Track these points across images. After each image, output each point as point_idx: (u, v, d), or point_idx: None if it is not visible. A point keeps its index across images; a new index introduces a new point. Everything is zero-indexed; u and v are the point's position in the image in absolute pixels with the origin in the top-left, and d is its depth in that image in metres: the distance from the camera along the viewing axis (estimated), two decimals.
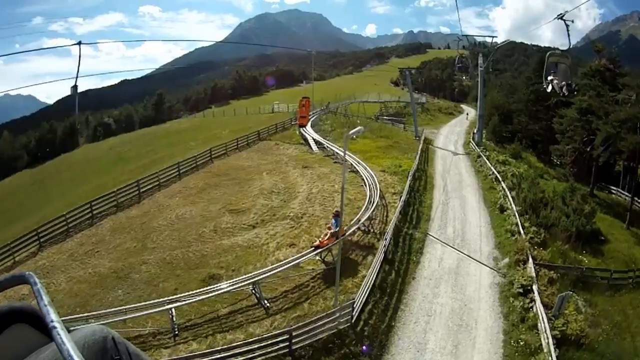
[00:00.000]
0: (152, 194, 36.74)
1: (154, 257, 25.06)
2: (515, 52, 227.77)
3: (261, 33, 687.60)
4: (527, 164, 48.85)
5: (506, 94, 69.55)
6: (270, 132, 55.41)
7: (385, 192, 33.20)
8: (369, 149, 46.71)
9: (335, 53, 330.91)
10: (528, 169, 46.01)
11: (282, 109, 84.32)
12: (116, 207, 34.23)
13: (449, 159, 47.59)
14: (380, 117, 74.17)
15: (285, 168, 40.33)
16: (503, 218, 29.44)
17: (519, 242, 24.64)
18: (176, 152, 57.26)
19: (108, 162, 74.45)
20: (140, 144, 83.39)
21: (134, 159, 69.32)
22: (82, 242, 29.21)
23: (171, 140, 75.03)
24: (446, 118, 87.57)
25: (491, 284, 21.86)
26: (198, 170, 42.09)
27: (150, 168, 48.37)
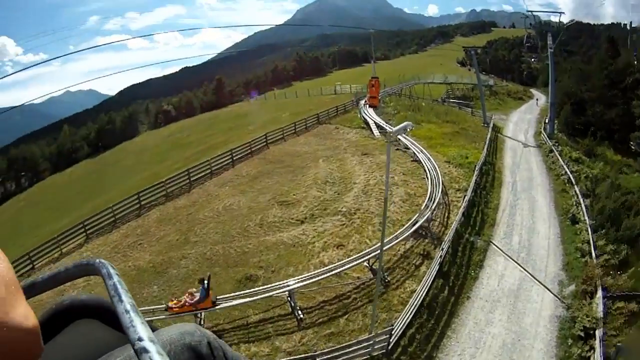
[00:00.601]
0: (203, 182, 36.58)
1: (195, 252, 24.77)
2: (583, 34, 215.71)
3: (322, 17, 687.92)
4: (603, 161, 44.40)
5: (578, 81, 64.22)
6: (330, 115, 53.75)
7: (448, 187, 30.90)
8: (434, 135, 44.19)
9: (398, 32, 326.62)
10: (604, 166, 41.79)
11: (345, 90, 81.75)
12: (165, 197, 34.46)
13: (519, 151, 44.13)
14: (446, 100, 70.47)
15: (343, 155, 38.65)
16: (574, 232, 26.21)
17: (588, 267, 21.59)
18: (234, 137, 57.47)
19: (165, 149, 75.35)
20: (200, 129, 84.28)
21: (192, 144, 69.51)
22: (127, 234, 29.53)
23: (230, 124, 75.21)
24: (516, 103, 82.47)
25: (552, 316, 19.02)
26: (252, 157, 41.57)
27: (206, 154, 47.75)
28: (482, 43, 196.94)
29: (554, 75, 52.10)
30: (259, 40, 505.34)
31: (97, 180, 73.37)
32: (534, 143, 48.33)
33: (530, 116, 67.38)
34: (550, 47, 50.72)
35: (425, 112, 55.02)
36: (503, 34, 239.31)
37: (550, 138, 46.86)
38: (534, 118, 65.53)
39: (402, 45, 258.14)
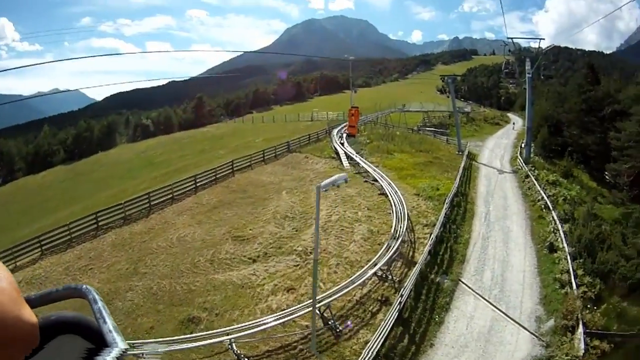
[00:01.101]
0: (163, 207, 35.41)
1: (142, 285, 23.41)
2: (560, 57, 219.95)
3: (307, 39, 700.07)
4: (579, 184, 43.60)
5: (555, 103, 63.49)
6: (302, 143, 52.89)
7: (415, 223, 29.19)
8: (406, 166, 42.82)
9: (382, 59, 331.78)
10: (580, 190, 41.06)
11: (321, 117, 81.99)
12: (123, 220, 33.25)
13: (493, 178, 42.69)
14: (422, 128, 69.26)
15: (308, 187, 36.86)
16: (552, 261, 24.60)
17: (569, 300, 19.89)
18: (204, 160, 56.83)
19: (137, 166, 74.04)
20: (174, 148, 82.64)
21: (163, 164, 68.44)
22: (81, 256, 28.37)
23: (203, 146, 74.27)
24: (492, 129, 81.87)
25: (528, 357, 17.30)
26: (216, 184, 40.37)
27: (172, 176, 47.86)
28: (463, 70, 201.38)
29: (531, 100, 51.14)
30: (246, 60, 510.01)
31: (67, 189, 71.65)
32: (509, 169, 47.20)
33: (506, 141, 66.63)
34: (528, 72, 50.00)
35: (399, 141, 54.07)
36: (483, 62, 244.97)
37: (527, 163, 45.83)
38: (510, 143, 64.80)
39: (384, 72, 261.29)
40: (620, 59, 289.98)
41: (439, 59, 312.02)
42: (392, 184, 34.92)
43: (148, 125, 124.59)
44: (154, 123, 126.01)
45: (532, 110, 52.04)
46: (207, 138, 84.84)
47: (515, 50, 55.42)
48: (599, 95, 50.14)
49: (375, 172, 38.29)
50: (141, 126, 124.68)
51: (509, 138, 69.71)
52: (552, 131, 56.07)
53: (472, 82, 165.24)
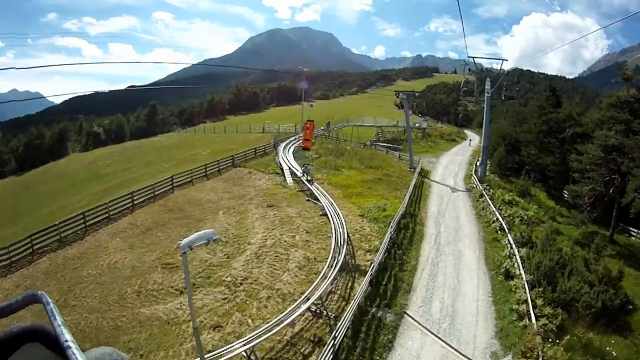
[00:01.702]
0: (98, 228, 33.08)
1: (71, 320, 20.98)
2: (522, 79, 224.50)
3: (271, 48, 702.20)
4: (536, 203, 42.48)
5: (513, 123, 63.32)
6: (247, 157, 50.72)
7: (357, 248, 26.82)
8: (353, 183, 40.70)
9: (342, 73, 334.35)
10: (538, 209, 39.79)
11: (273, 129, 79.52)
12: (59, 243, 30.84)
13: (446, 197, 40.64)
14: (374, 144, 67.28)
15: (246, 206, 35.03)
16: (509, 288, 22.59)
17: (528, 334, 17.83)
18: (148, 174, 54.79)
19: (83, 179, 71.31)
20: (122, 159, 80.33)
21: (108, 176, 65.86)
22: (19, 283, 26.20)
23: (151, 157, 71.89)
24: (448, 145, 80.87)
25: None
26: (154, 202, 37.95)
27: (114, 192, 46.20)
28: (422, 87, 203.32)
29: (488, 119, 49.94)
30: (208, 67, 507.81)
31: (14, 204, 67.94)
32: (463, 187, 45.43)
33: (461, 158, 65.34)
34: (488, 91, 48.87)
35: (349, 157, 52.37)
36: (444, 79, 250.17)
37: (482, 181, 44.29)
38: (466, 160, 63.46)
39: (343, 85, 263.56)
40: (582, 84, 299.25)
41: (400, 75, 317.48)
42: (334, 203, 32.83)
43: (99, 134, 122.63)
44: (106, 131, 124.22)
45: (490, 128, 51.02)
46: (156, 149, 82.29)
47: (476, 70, 54.24)
48: (561, 117, 49.66)
49: (319, 190, 36.30)
50: (92, 134, 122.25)
51: (465, 155, 68.63)
52: (509, 150, 55.36)
53: (430, 99, 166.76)
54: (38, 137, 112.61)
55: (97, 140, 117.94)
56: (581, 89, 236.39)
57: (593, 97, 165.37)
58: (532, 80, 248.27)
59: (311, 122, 46.10)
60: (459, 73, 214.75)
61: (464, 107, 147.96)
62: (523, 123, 59.46)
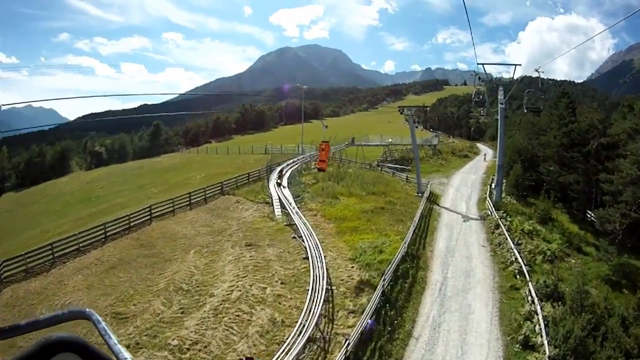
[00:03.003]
0: (65, 261, 31.18)
1: None
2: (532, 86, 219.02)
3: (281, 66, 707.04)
4: (559, 230, 36.88)
5: (529, 135, 57.63)
6: (239, 183, 46.63)
7: (340, 306, 22.30)
8: (350, 215, 35.95)
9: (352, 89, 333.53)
10: (561, 239, 33.93)
11: (275, 149, 75.61)
12: (25, 273, 29.56)
13: (457, 229, 35.51)
14: (381, 164, 62.35)
15: (222, 244, 31.40)
16: None
17: None
18: (135, 200, 52.39)
19: (75, 200, 67.99)
20: (118, 180, 76.97)
21: (98, 200, 62.34)
22: None
23: (145, 181, 68.57)
24: (460, 162, 75.62)
25: None
26: (129, 234, 35.22)
27: (98, 218, 43.40)
28: (433, 100, 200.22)
29: (503, 133, 44.84)
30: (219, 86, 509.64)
31: (2, 224, 65.22)
32: (477, 214, 40.19)
33: (474, 177, 59.91)
34: (501, 102, 43.69)
35: (350, 182, 47.00)
36: (454, 92, 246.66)
37: (497, 207, 38.80)
38: (479, 179, 58.03)
39: (354, 102, 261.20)
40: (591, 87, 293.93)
41: (410, 89, 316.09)
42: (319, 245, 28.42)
43: (101, 153, 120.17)
44: (108, 151, 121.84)
45: (504, 144, 45.87)
46: (153, 171, 79.20)
47: (486, 79, 48.57)
48: (583, 128, 43.66)
49: (306, 225, 31.94)
50: (94, 154, 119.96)
51: (478, 173, 63.28)
52: (526, 166, 49.65)
53: (441, 112, 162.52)
54: (39, 155, 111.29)
55: (99, 160, 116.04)
56: (591, 92, 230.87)
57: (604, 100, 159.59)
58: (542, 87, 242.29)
59: (326, 142, 46.07)
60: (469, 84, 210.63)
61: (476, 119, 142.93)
62: (539, 135, 53.87)
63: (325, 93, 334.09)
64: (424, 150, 74.21)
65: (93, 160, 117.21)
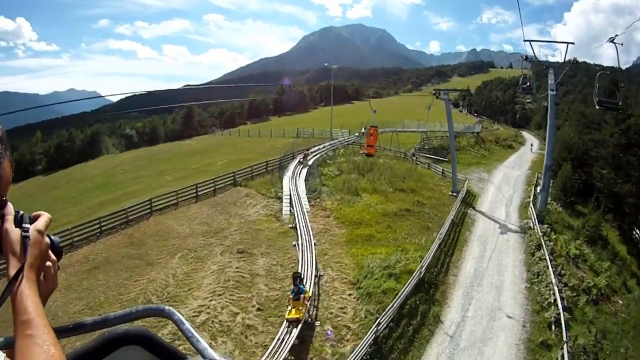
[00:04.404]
0: None
1: None
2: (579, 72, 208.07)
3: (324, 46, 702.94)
4: (609, 254, 31.39)
5: (579, 129, 50.90)
6: (255, 172, 41.98)
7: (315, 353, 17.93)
8: (369, 218, 31.15)
9: (396, 69, 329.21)
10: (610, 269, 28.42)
11: (307, 133, 71.77)
12: None
13: (491, 244, 30.04)
14: (416, 153, 57.03)
15: (213, 249, 27.62)
16: None
17: None
18: (148, 188, 48.37)
19: (95, 186, 65.05)
20: (142, 165, 74.27)
21: (116, 186, 59.40)
22: None
23: (166, 166, 64.82)
24: (504, 153, 69.61)
25: None
26: (124, 229, 32.47)
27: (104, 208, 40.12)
28: (478, 83, 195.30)
29: (553, 127, 37.88)
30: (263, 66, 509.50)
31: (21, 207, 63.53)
32: (517, 224, 34.56)
33: (518, 173, 53.94)
34: (552, 87, 35.92)
35: (377, 174, 41.87)
36: (500, 74, 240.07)
37: (541, 219, 32.95)
38: (523, 176, 52.05)
39: (398, 83, 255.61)
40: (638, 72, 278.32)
41: (455, 71, 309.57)
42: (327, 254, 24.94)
43: (132, 136, 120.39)
44: (139, 133, 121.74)
45: (554, 139, 39.05)
46: (179, 154, 75.90)
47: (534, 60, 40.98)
48: None
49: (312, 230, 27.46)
50: (125, 137, 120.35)
51: (522, 168, 57.45)
52: (576, 165, 43.44)
53: (486, 97, 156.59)
54: (69, 140, 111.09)
55: (130, 143, 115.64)
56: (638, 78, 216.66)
57: None
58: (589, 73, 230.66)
59: (375, 127, 43.57)
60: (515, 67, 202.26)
61: (522, 105, 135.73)
62: (592, 129, 47.79)
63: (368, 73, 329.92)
64: (466, 139, 68.62)
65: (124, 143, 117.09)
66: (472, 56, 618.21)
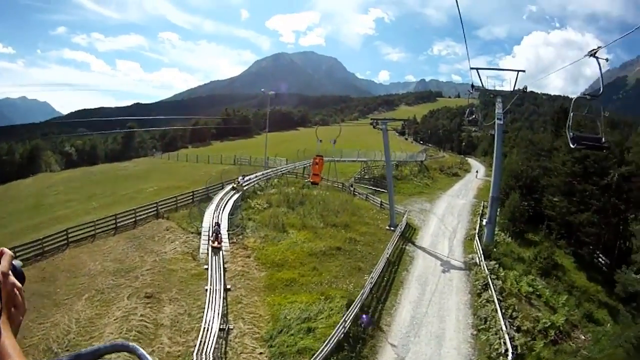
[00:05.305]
0: None
1: None
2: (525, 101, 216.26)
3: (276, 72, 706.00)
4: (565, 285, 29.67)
5: (528, 156, 49.95)
6: (180, 203, 38.58)
7: None
8: (293, 259, 28.37)
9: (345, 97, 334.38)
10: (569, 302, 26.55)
11: (244, 160, 68.71)
12: None
13: (431, 285, 27.42)
14: (357, 182, 54.95)
15: (121, 291, 24.49)
16: None
17: None
18: (73, 214, 44.25)
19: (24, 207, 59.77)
20: (75, 186, 68.45)
21: (46, 209, 54.85)
22: None
23: (97, 190, 60.39)
24: (448, 181, 68.40)
25: None
26: (39, 261, 29.12)
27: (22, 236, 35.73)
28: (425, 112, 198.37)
29: (500, 156, 35.85)
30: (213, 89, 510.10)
31: None
32: (461, 259, 32.37)
33: (463, 201, 52.45)
34: (499, 116, 34.24)
35: (309, 208, 39.54)
36: (447, 104, 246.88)
37: (488, 252, 30.94)
38: (468, 205, 50.52)
39: (345, 111, 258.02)
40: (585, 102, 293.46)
41: (403, 100, 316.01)
42: (241, 302, 22.18)
43: (71, 154, 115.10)
44: (78, 152, 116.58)
45: (501, 168, 36.46)
46: (113, 177, 71.43)
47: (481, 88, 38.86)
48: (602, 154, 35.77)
49: (224, 274, 24.55)
50: (64, 154, 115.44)
51: (467, 196, 55.94)
52: (524, 193, 42.39)
53: (433, 125, 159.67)
54: (8, 153, 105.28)
55: (70, 161, 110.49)
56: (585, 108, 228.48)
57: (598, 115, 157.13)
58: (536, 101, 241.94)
59: (320, 157, 41.27)
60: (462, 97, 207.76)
61: (468, 132, 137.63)
62: (540, 156, 47.32)
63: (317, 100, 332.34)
64: (409, 167, 67.14)
65: (64, 160, 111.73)
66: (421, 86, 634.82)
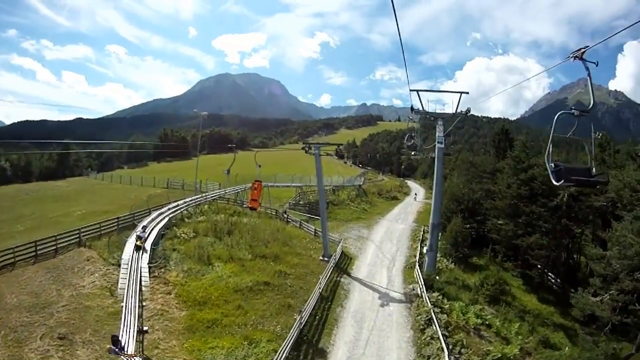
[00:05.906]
0: None
1: None
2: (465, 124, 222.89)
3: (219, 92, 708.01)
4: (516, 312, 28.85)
5: (469, 178, 50.31)
6: (104, 230, 35.23)
7: None
8: (216, 296, 26.27)
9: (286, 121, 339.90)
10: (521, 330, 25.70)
11: (176, 184, 66.92)
12: None
13: (369, 321, 25.46)
14: (290, 209, 53.81)
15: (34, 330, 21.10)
16: None
17: None
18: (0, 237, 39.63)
19: None
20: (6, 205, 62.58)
21: None
22: None
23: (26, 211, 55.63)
24: (387, 205, 68.34)
25: None
26: None
27: None
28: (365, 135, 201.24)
29: (440, 182, 33.96)
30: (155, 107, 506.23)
31: None
32: (401, 290, 30.81)
33: (402, 226, 51.71)
34: (440, 139, 32.76)
35: (237, 238, 37.55)
36: (388, 127, 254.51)
37: (429, 282, 29.63)
38: (408, 228, 50.02)
39: (285, 134, 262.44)
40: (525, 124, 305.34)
41: (343, 124, 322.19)
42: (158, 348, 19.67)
43: (6, 169, 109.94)
44: (13, 167, 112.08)
45: (441, 194, 34.83)
46: (44, 197, 66.82)
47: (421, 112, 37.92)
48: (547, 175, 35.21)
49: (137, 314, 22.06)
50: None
51: (407, 220, 55.57)
52: (466, 216, 42.06)
53: (372, 148, 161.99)
54: None
55: (4, 176, 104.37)
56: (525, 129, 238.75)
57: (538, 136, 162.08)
58: (476, 124, 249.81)
59: (259, 182, 41.27)
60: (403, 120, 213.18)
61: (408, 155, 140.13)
62: (482, 178, 47.57)
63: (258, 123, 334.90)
64: (347, 192, 66.66)
65: None
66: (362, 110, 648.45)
